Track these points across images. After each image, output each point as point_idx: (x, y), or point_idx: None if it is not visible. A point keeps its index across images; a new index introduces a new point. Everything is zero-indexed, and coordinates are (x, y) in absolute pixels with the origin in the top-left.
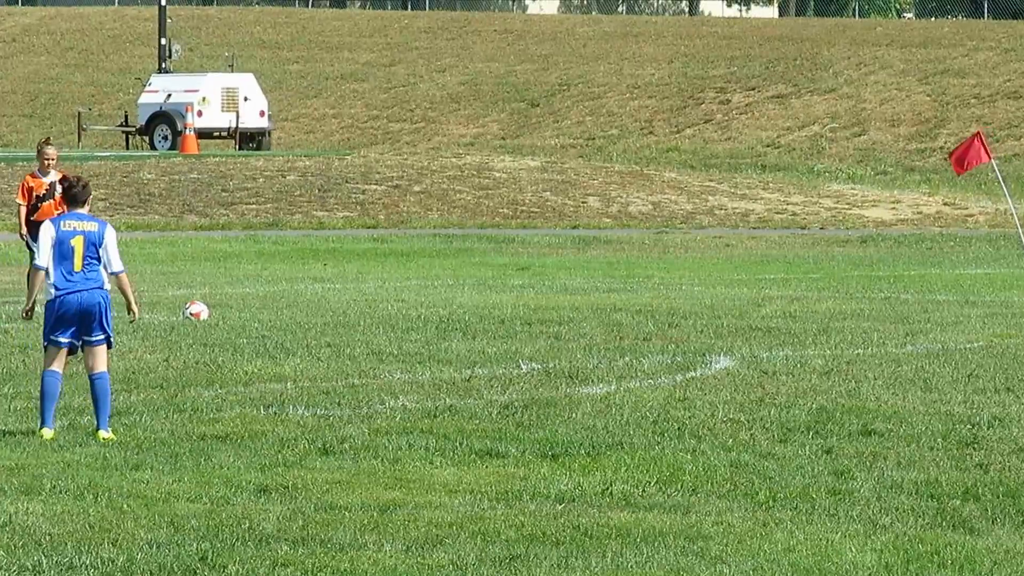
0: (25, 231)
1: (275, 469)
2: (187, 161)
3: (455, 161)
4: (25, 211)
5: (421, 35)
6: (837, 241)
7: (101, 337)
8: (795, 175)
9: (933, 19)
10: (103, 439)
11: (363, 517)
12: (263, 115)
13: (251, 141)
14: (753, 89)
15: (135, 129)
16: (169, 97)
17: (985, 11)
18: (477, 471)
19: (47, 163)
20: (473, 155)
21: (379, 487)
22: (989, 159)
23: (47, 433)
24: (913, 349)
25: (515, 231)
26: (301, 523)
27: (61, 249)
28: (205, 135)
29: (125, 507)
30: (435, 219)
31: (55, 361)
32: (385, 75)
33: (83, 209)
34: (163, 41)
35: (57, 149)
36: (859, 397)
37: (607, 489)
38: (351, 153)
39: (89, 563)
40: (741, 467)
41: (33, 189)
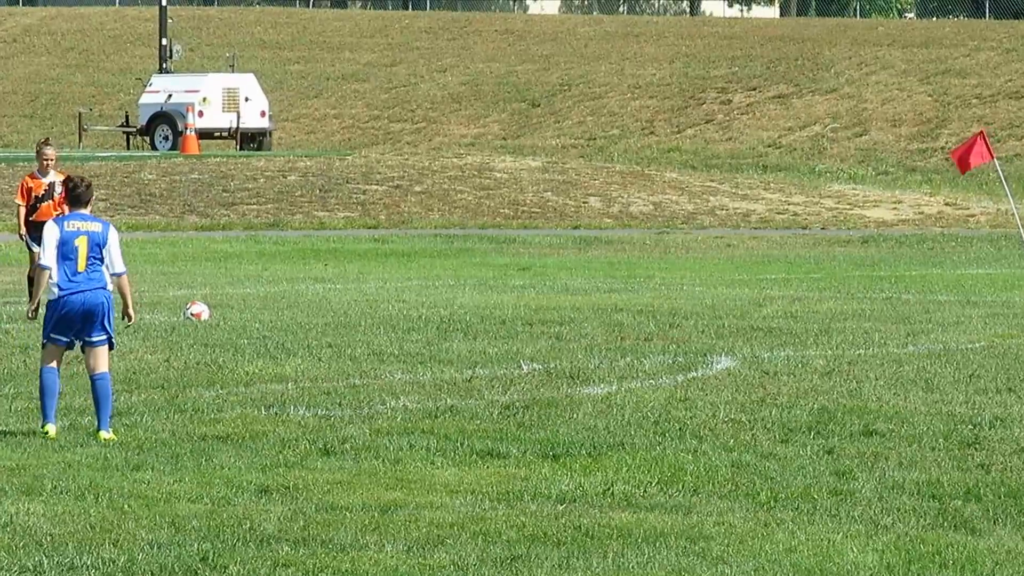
0: (24, 231)
1: (276, 469)
2: (188, 161)
3: (456, 161)
4: (24, 211)
5: (422, 35)
6: (838, 241)
7: (103, 338)
8: (796, 175)
9: (934, 19)
10: (104, 439)
11: (364, 517)
12: (264, 115)
13: (252, 141)
14: (754, 89)
15: (136, 129)
16: (170, 97)
17: (986, 11)
18: (478, 471)
19: (46, 163)
20: (474, 155)
21: (380, 487)
22: (992, 158)
23: (51, 429)
24: (914, 349)
25: (516, 231)
26: (302, 523)
27: (64, 249)
28: (206, 135)
29: (126, 507)
30: (436, 219)
31: (53, 358)
32: (386, 75)
33: (85, 210)
34: (164, 41)
35: (57, 150)
36: (860, 397)
37: (608, 489)
38: (352, 153)
39: (90, 563)
40: (742, 467)
41: (32, 190)
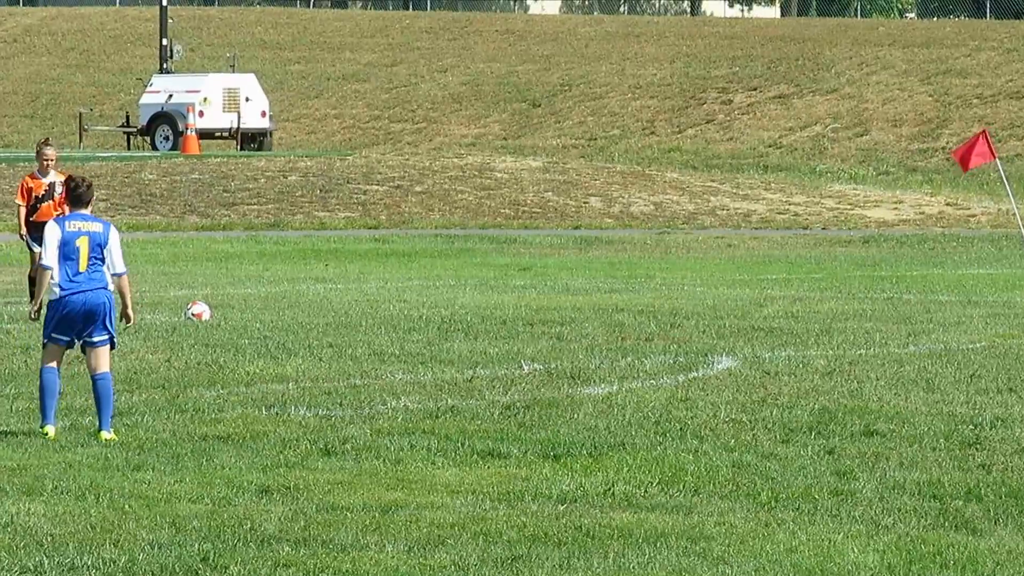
0: (25, 232)
1: (277, 470)
2: (188, 162)
3: (457, 161)
4: (24, 211)
5: (423, 35)
6: (839, 241)
7: (105, 337)
8: (797, 175)
9: (935, 19)
10: (105, 440)
11: (365, 518)
12: (264, 115)
13: (252, 141)
14: (755, 89)
15: (136, 130)
16: (170, 98)
17: (987, 11)
18: (479, 472)
19: (46, 164)
20: (475, 155)
21: (381, 488)
22: (994, 157)
23: (50, 430)
24: (915, 349)
25: (517, 231)
26: (303, 524)
27: (66, 250)
28: (206, 135)
29: (127, 508)
30: (437, 219)
31: (54, 358)
32: (387, 75)
33: (86, 210)
34: (164, 41)
35: (57, 150)
36: (861, 397)
37: (609, 490)
38: (352, 153)
39: (91, 564)
40: (743, 467)
41: (32, 190)
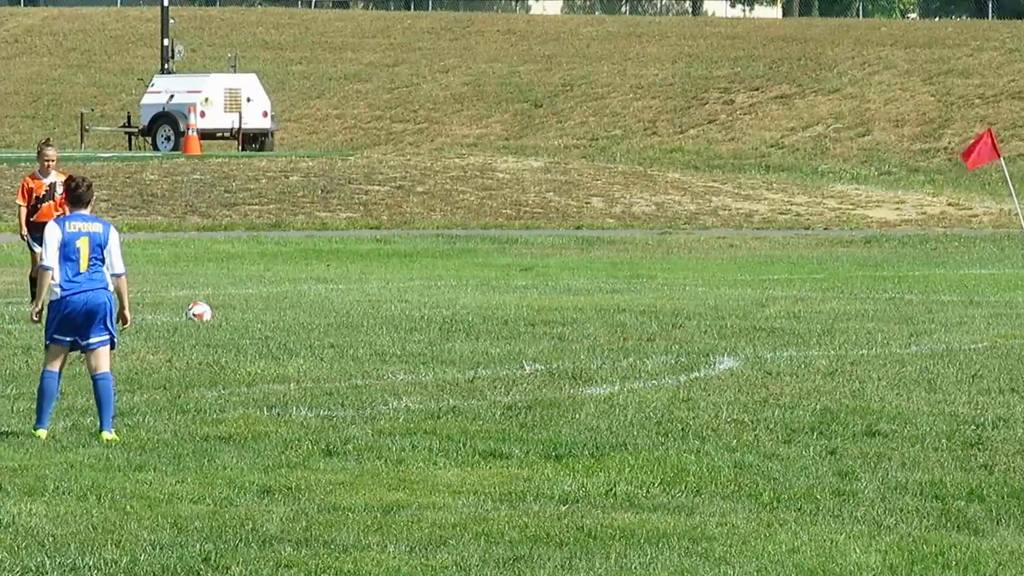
0: (26, 232)
1: (278, 470)
2: (190, 162)
3: (458, 162)
4: (25, 212)
5: (424, 35)
6: (841, 241)
7: (105, 338)
8: (799, 175)
9: (937, 19)
10: (106, 440)
11: (366, 518)
12: (266, 116)
13: (254, 142)
14: (757, 89)
15: (138, 130)
16: (172, 98)
17: (989, 11)
18: (481, 472)
19: (47, 164)
20: (476, 156)
21: (383, 488)
22: (998, 156)
23: (42, 433)
24: (917, 350)
25: (518, 232)
26: (304, 524)
27: (66, 250)
28: (208, 136)
29: (128, 508)
30: (438, 220)
31: (56, 360)
32: (388, 76)
33: (86, 210)
34: (166, 42)
35: (58, 150)
36: (863, 398)
37: (611, 490)
38: (354, 154)
39: (92, 564)
40: (745, 468)
41: (33, 190)
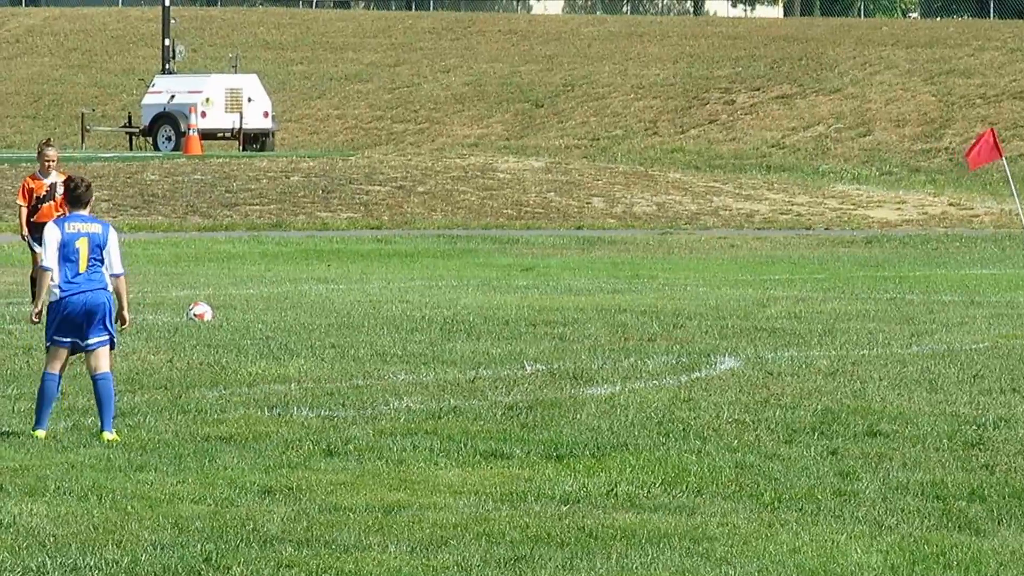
0: (26, 232)
1: (279, 470)
2: (191, 162)
3: (459, 162)
4: (26, 212)
5: (425, 35)
6: (842, 242)
7: (105, 338)
8: (800, 176)
9: (938, 19)
10: (107, 440)
11: (367, 518)
12: (267, 116)
13: (255, 142)
14: (758, 89)
15: (139, 130)
16: (173, 98)
17: (991, 11)
18: (482, 472)
19: (48, 164)
20: (477, 156)
21: (383, 488)
22: (1000, 156)
23: (40, 434)
24: (919, 350)
25: (519, 232)
26: (305, 524)
27: (66, 251)
28: (209, 136)
29: (129, 508)
30: (439, 220)
31: (56, 362)
32: (389, 76)
33: (85, 211)
34: (167, 42)
35: (58, 150)
36: (864, 398)
37: (612, 490)
38: (355, 154)
39: (93, 564)
40: (746, 468)
41: (34, 190)
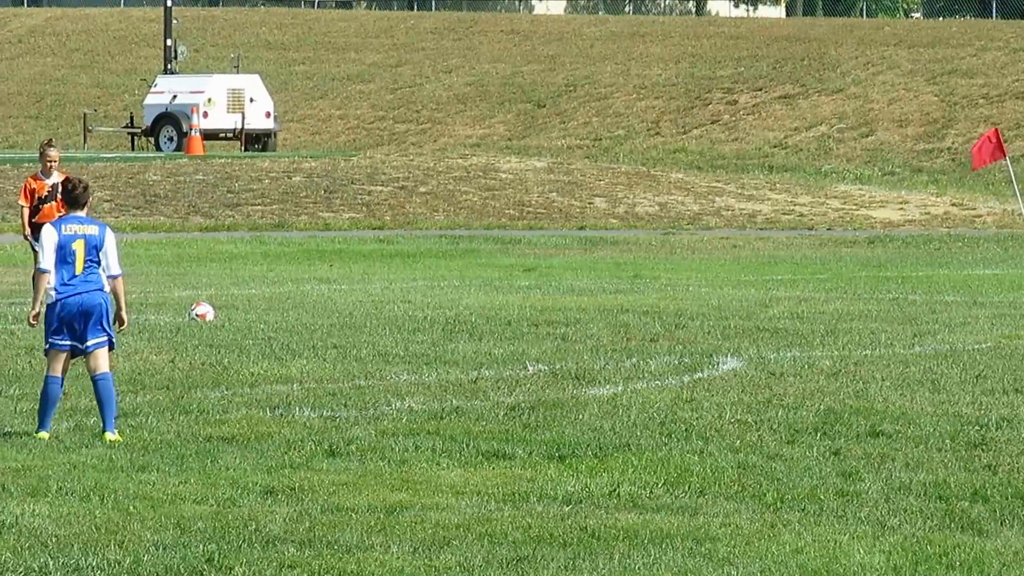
0: (28, 232)
1: (281, 471)
2: (193, 162)
3: (461, 162)
4: (28, 212)
5: (427, 36)
6: (845, 242)
7: (103, 339)
8: (802, 176)
9: (941, 19)
10: (109, 441)
11: (370, 519)
12: (269, 116)
13: (257, 142)
14: (760, 89)
15: (141, 130)
16: (175, 98)
17: (993, 11)
18: (484, 473)
19: (49, 165)
20: (479, 156)
21: (386, 489)
22: (1004, 156)
23: (44, 436)
24: (921, 350)
25: (521, 232)
26: (308, 525)
27: (63, 253)
28: (211, 136)
29: (131, 509)
30: (441, 220)
31: (58, 365)
32: (391, 76)
33: (82, 212)
34: (169, 42)
35: (60, 151)
36: (867, 398)
37: (614, 491)
38: (357, 154)
39: (95, 565)
40: (749, 468)
41: (35, 191)
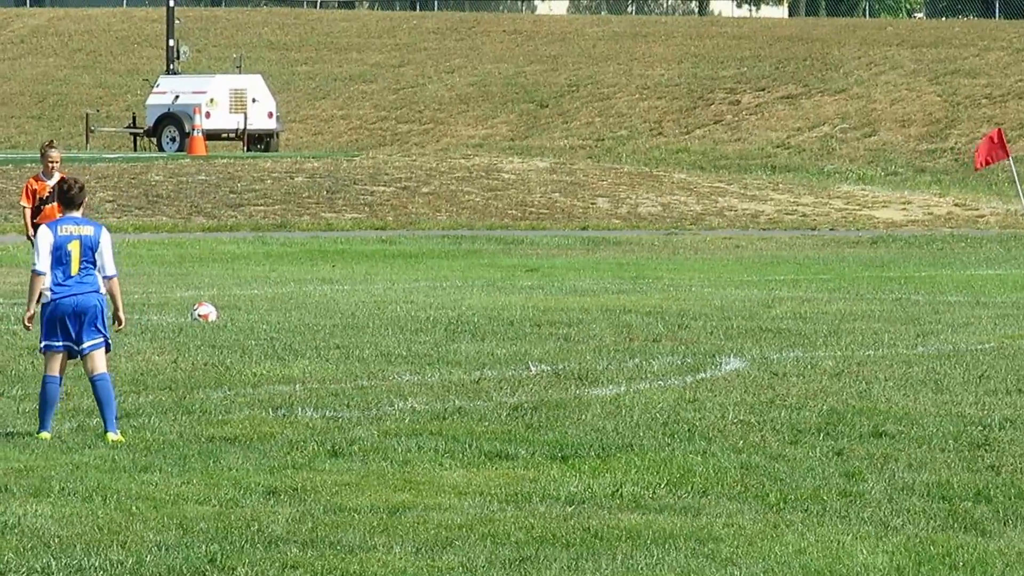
0: (32, 232)
1: (284, 471)
2: (195, 163)
3: (464, 162)
4: (29, 213)
5: (430, 36)
6: (847, 242)
7: (99, 340)
8: (805, 176)
9: (944, 19)
10: (111, 441)
11: (372, 519)
12: (271, 116)
13: (259, 142)
14: (763, 90)
15: (143, 131)
16: (177, 99)
17: (996, 11)
18: (487, 473)
19: (51, 166)
20: (482, 156)
21: (388, 489)
22: (1007, 156)
23: (45, 436)
24: (924, 350)
25: (524, 232)
26: (310, 525)
27: (58, 254)
28: (213, 137)
29: (134, 509)
30: (444, 220)
31: (55, 366)
32: (394, 76)
33: (77, 212)
34: (171, 42)
35: (61, 151)
36: (870, 398)
37: (617, 491)
38: (359, 154)
39: (98, 565)
40: (751, 469)
41: (37, 191)
